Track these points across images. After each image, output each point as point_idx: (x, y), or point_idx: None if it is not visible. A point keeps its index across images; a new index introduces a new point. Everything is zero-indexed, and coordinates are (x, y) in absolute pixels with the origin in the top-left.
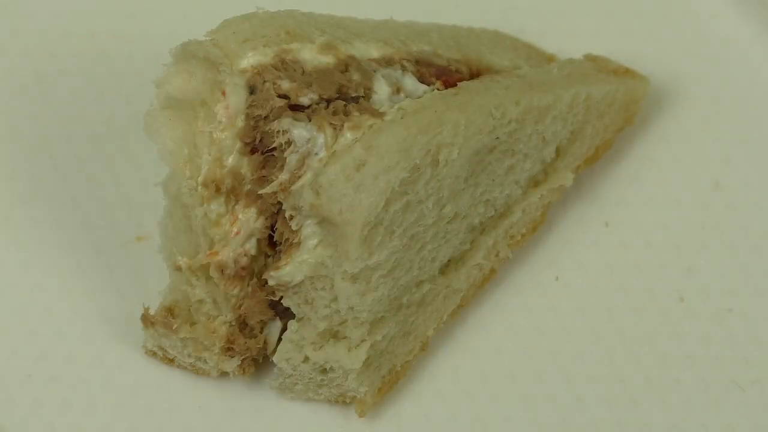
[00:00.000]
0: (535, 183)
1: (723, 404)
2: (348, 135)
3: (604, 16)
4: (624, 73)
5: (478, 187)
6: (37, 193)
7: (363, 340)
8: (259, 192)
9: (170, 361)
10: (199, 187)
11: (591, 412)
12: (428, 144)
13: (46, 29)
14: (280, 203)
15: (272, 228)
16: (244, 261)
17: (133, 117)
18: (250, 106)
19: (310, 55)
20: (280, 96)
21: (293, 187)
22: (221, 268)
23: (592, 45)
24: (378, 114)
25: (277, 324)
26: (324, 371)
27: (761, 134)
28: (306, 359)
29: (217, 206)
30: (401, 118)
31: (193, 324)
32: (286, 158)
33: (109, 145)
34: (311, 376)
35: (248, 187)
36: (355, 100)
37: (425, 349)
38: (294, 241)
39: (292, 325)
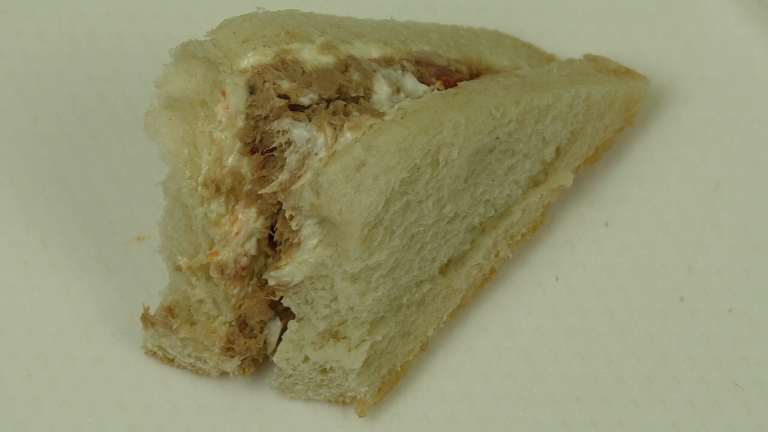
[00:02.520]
0: (535, 183)
1: (723, 404)
2: (348, 135)
3: (604, 16)
4: (624, 73)
5: (478, 187)
6: (37, 193)
7: (363, 340)
8: (259, 192)
9: (170, 361)
10: (199, 187)
11: (591, 412)
12: (428, 144)
13: (46, 29)
14: (280, 203)
15: (272, 228)
16: (244, 261)
17: (133, 117)
18: (250, 106)
19: (310, 55)
20: (280, 96)
21: (293, 187)
22: (221, 268)
23: (592, 45)
24: (378, 114)
25: (277, 324)
26: (324, 371)
27: (761, 134)
28: (306, 359)
29: (217, 206)
30: (401, 118)
31: (193, 324)
32: (286, 158)
33: (109, 145)
34: (311, 376)
35: (248, 187)
36: (355, 100)
37: (425, 349)
38: (294, 241)
39: (292, 325)
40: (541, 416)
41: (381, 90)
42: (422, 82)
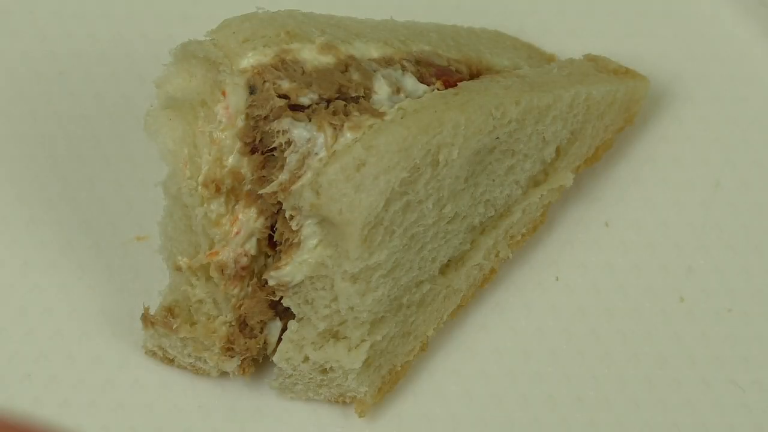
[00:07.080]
0: (535, 183)
1: (723, 404)
2: (348, 135)
3: (604, 16)
4: (624, 73)
5: (478, 187)
6: (37, 193)
7: (363, 340)
8: (259, 192)
9: (170, 361)
10: (199, 187)
11: (591, 412)
12: (428, 144)
13: (46, 29)
14: (280, 203)
15: (272, 228)
16: (244, 261)
17: (133, 117)
18: (250, 106)
19: (310, 55)
20: (280, 96)
21: (293, 187)
22: (221, 268)
23: (592, 45)
24: (378, 114)
25: (277, 324)
26: (324, 371)
27: (761, 134)
28: (306, 359)
29: (217, 206)
30: (401, 118)
31: (193, 324)
32: (286, 158)
33: (109, 145)
34: (311, 376)
35: (248, 187)
36: (355, 100)
37: (425, 349)
38: (294, 241)
39: (292, 325)
40: (541, 416)
41: (381, 90)
42: (422, 82)
